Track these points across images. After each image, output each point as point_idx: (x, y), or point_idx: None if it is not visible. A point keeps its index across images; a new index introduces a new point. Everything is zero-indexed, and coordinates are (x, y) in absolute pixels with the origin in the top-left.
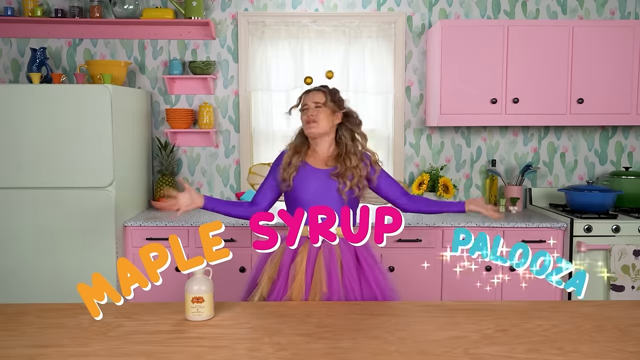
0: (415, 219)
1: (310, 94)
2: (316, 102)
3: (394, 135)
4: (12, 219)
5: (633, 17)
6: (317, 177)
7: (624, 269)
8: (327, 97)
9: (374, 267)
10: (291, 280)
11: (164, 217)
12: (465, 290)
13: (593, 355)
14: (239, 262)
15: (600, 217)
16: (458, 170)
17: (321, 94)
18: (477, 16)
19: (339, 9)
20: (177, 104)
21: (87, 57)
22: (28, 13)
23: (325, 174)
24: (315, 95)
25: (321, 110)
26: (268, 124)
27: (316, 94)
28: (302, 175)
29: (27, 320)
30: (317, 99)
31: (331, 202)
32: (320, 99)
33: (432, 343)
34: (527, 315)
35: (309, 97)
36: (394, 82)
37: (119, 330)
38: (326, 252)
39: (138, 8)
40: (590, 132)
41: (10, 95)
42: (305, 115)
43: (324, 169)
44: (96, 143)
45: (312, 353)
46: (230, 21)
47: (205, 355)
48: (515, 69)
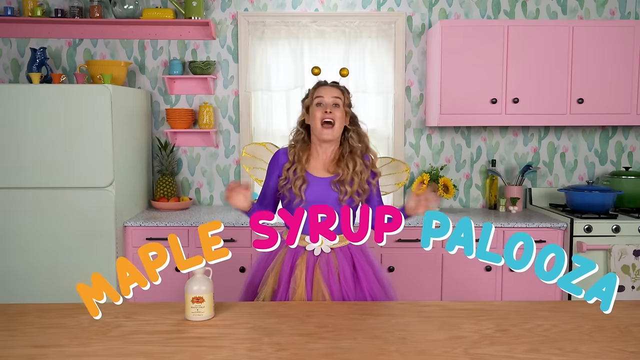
0: (415, 219)
1: (328, 89)
2: (335, 97)
3: (394, 135)
4: (12, 219)
5: (633, 17)
6: (317, 186)
7: (624, 269)
8: (344, 97)
9: (370, 275)
10: (292, 293)
11: (164, 217)
12: (466, 290)
13: (593, 355)
14: (239, 262)
15: (600, 217)
16: (458, 170)
17: (339, 92)
18: (477, 16)
19: (339, 9)
20: (177, 104)
21: (87, 57)
22: (28, 13)
23: (326, 183)
24: (332, 91)
25: (339, 109)
26: (268, 124)
27: (333, 90)
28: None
29: (27, 320)
30: (336, 94)
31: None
32: (339, 95)
33: (432, 343)
34: (527, 315)
35: (326, 91)
36: (394, 82)
37: (119, 330)
38: (323, 263)
39: (138, 8)
40: (590, 132)
41: (10, 95)
42: (321, 112)
43: (325, 177)
44: (96, 143)
45: (312, 353)
46: (230, 21)
47: (205, 355)
48: (515, 69)
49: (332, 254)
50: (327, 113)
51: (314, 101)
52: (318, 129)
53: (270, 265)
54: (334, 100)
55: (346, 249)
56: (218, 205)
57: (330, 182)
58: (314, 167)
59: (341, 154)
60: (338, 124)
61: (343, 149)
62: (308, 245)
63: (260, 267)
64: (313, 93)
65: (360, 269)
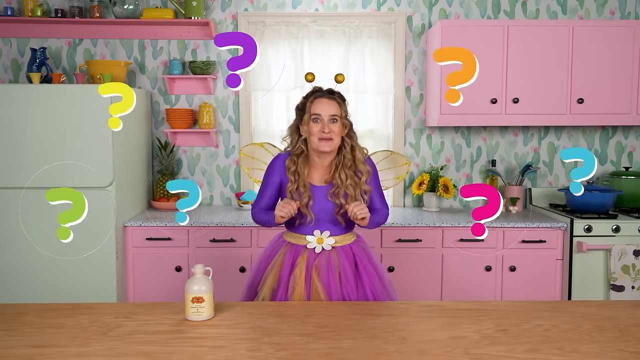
0: (416, 219)
1: (325, 104)
2: (332, 116)
3: (394, 135)
4: (12, 219)
5: (633, 17)
6: (317, 196)
7: (624, 269)
8: (342, 109)
9: (372, 274)
10: (290, 291)
11: (164, 217)
12: (466, 290)
13: (593, 355)
14: (239, 262)
15: (600, 217)
16: (458, 170)
17: (336, 105)
18: (477, 16)
19: (339, 9)
20: (177, 104)
21: (87, 57)
22: (28, 13)
23: (324, 193)
24: (330, 106)
25: (337, 124)
26: (268, 124)
27: (331, 105)
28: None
29: (27, 320)
30: (333, 112)
31: (330, 219)
32: (336, 112)
33: (432, 343)
34: (527, 315)
35: (323, 107)
36: (394, 82)
37: (119, 330)
38: (324, 261)
39: (138, 8)
40: (590, 132)
41: (10, 95)
42: (318, 130)
43: (322, 186)
44: (96, 143)
45: (312, 353)
46: (230, 21)
47: (205, 355)
48: (515, 69)
49: (333, 253)
50: (326, 133)
51: (311, 116)
52: (315, 142)
53: (270, 265)
54: (331, 117)
55: (348, 248)
56: (218, 205)
57: (327, 194)
58: (313, 177)
59: (336, 165)
60: (336, 138)
61: (338, 160)
62: (309, 243)
63: (261, 267)
64: (310, 107)
65: (363, 268)
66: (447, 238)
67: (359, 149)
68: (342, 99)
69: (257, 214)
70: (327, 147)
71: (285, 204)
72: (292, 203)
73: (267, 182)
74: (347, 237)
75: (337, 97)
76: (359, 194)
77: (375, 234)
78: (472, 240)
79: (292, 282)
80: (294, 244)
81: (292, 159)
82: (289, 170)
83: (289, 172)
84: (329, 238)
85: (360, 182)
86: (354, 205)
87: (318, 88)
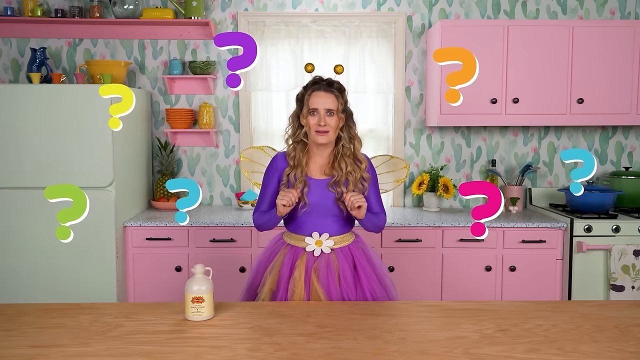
0: (416, 219)
1: (322, 97)
2: (328, 110)
3: (394, 135)
4: (12, 219)
5: (633, 17)
6: (316, 189)
7: (624, 269)
8: (339, 103)
9: (371, 276)
10: (290, 294)
11: (164, 217)
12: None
13: (593, 355)
14: (239, 262)
15: (600, 217)
16: (458, 170)
17: (333, 99)
18: (477, 16)
19: (339, 9)
20: (177, 104)
21: (87, 57)
22: (28, 13)
23: (324, 185)
24: (326, 100)
25: (333, 117)
26: (268, 124)
27: (328, 99)
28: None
29: (27, 320)
30: (329, 106)
31: (331, 212)
32: (332, 106)
33: (432, 343)
34: (527, 315)
35: (320, 101)
36: (394, 82)
37: (119, 330)
38: (323, 264)
39: (138, 8)
40: (590, 132)
41: (10, 95)
42: (314, 123)
43: (322, 179)
44: (96, 143)
45: (312, 353)
46: (230, 21)
47: (205, 355)
48: (515, 69)
49: (332, 255)
50: (322, 126)
51: (309, 110)
52: (312, 134)
53: (269, 267)
54: (328, 111)
55: (346, 250)
56: (218, 205)
57: (327, 184)
58: (312, 170)
59: (335, 155)
60: (332, 131)
61: (337, 151)
62: (308, 246)
63: (260, 268)
64: (308, 100)
65: (361, 269)
66: (447, 238)
67: (358, 139)
68: (341, 90)
69: (258, 217)
70: (323, 139)
71: (286, 192)
72: (292, 190)
73: (267, 182)
74: (346, 237)
75: (335, 89)
76: (359, 181)
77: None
78: (473, 241)
79: (291, 284)
80: (293, 245)
81: (293, 145)
82: (289, 156)
83: (289, 157)
84: (327, 240)
85: (360, 169)
86: (351, 194)
87: (318, 78)
